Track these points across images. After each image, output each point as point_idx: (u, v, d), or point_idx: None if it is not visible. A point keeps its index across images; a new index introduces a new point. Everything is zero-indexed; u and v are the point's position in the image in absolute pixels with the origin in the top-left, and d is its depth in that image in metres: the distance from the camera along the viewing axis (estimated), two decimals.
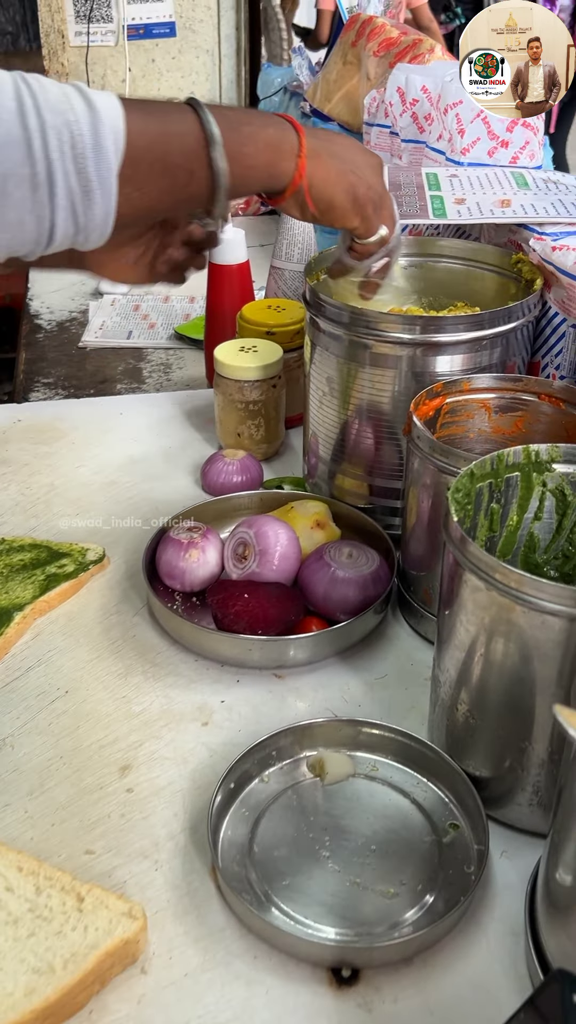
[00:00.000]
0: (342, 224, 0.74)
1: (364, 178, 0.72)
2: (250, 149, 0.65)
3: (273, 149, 0.67)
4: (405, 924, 0.57)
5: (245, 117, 0.67)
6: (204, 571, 0.82)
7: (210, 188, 0.64)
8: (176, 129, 0.62)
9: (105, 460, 1.05)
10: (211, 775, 0.67)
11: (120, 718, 0.72)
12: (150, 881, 0.60)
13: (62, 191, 0.56)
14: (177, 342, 1.36)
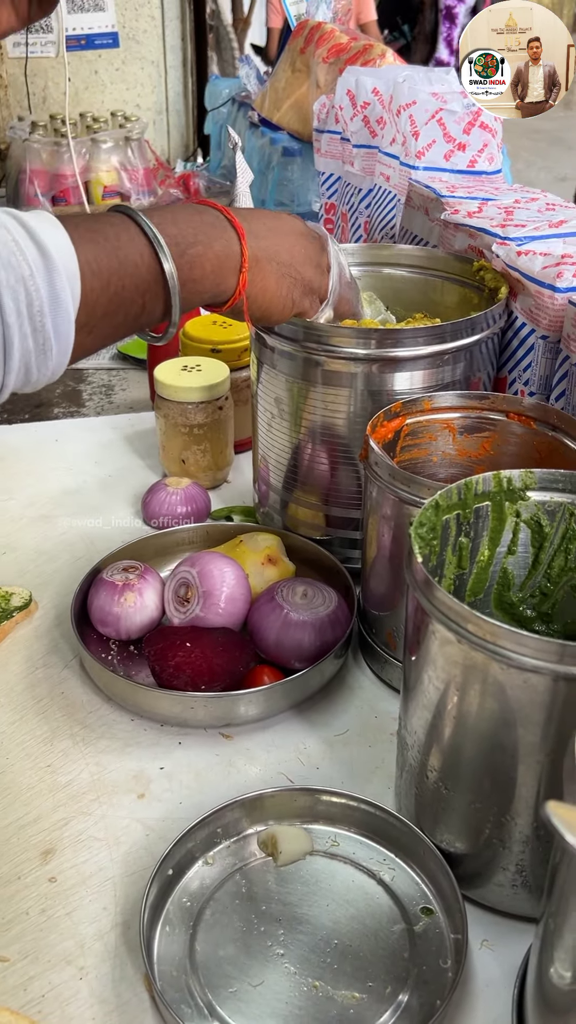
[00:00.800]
0: (280, 322, 0.71)
1: (298, 272, 0.69)
2: (198, 273, 0.61)
3: (219, 268, 0.63)
4: None
5: (191, 232, 0.61)
6: (142, 617, 0.73)
7: (163, 315, 0.60)
8: (130, 261, 0.57)
9: (37, 492, 0.96)
10: (147, 858, 0.58)
11: (44, 791, 0.63)
12: (73, 994, 0.51)
13: (17, 354, 0.51)
14: (120, 362, 1.28)
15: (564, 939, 0.42)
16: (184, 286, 0.59)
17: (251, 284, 0.65)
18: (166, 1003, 0.48)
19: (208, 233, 0.62)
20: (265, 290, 0.66)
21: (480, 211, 0.89)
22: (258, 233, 0.66)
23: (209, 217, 0.63)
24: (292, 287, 0.68)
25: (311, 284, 0.70)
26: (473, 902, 0.55)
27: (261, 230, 0.66)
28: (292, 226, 0.70)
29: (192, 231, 0.61)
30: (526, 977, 0.50)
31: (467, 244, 0.87)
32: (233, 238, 0.63)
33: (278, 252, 0.67)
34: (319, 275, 0.71)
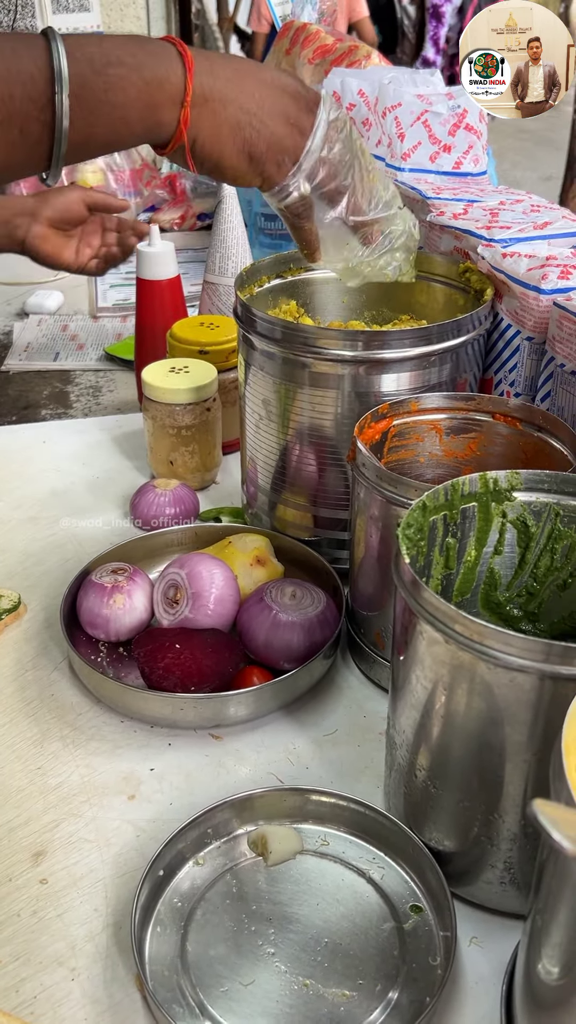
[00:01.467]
0: (238, 183, 0.64)
1: (266, 129, 0.60)
2: (118, 96, 0.54)
3: (148, 97, 0.55)
4: None
5: (118, 53, 0.55)
6: (131, 619, 0.74)
7: (48, 139, 0.53)
8: (23, 71, 0.51)
9: (25, 494, 0.96)
10: (138, 860, 0.58)
11: (34, 794, 0.63)
12: (65, 995, 0.51)
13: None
14: (107, 363, 1.28)
15: (551, 935, 0.43)
16: (98, 108, 0.54)
17: (196, 125, 0.57)
18: (157, 1003, 0.49)
19: (140, 57, 0.55)
20: (216, 136, 0.59)
21: (465, 213, 0.89)
22: (217, 72, 0.58)
23: (152, 46, 0.57)
24: (253, 139, 0.60)
25: (280, 142, 0.61)
26: (462, 899, 0.56)
27: (223, 71, 0.59)
28: (271, 77, 0.61)
29: (119, 53, 0.55)
30: (514, 973, 0.51)
31: (453, 246, 0.88)
32: (176, 68, 0.56)
33: (239, 97, 0.59)
34: (293, 134, 0.61)
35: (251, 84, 0.60)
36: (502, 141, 5.18)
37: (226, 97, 0.59)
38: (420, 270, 0.87)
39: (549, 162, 4.98)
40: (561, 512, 0.60)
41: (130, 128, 0.56)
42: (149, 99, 0.56)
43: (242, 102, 0.59)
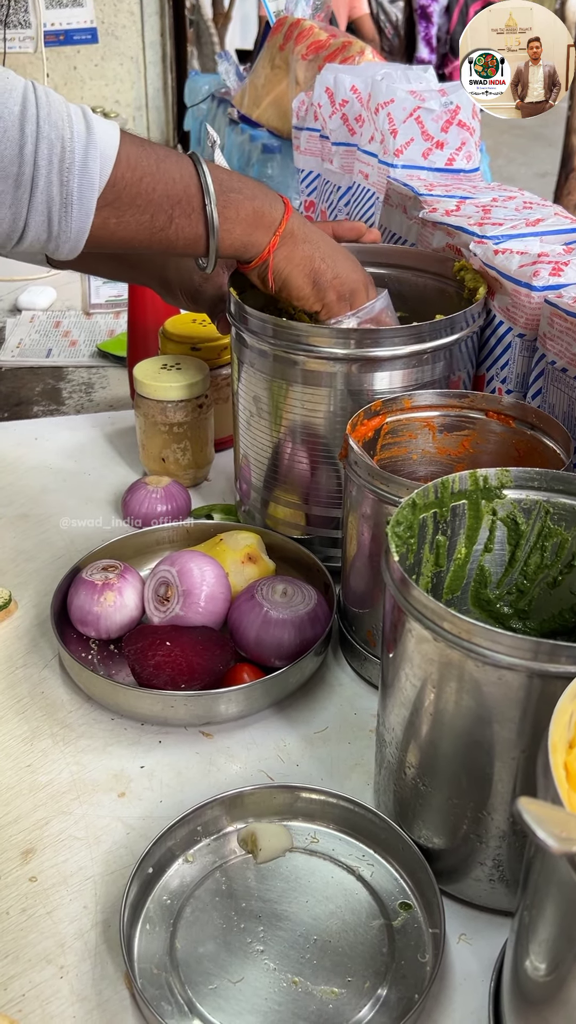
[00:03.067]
0: (301, 305, 0.75)
1: (332, 266, 0.73)
2: (231, 213, 0.68)
3: (254, 220, 0.69)
4: None
5: (238, 184, 0.69)
6: (122, 616, 0.74)
7: (193, 241, 0.68)
8: (168, 173, 0.65)
9: (16, 491, 0.96)
10: (127, 857, 0.58)
11: (24, 791, 0.63)
12: (54, 992, 0.51)
13: (42, 196, 0.61)
14: (100, 360, 1.28)
15: (538, 932, 0.43)
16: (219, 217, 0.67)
17: (279, 250, 0.70)
18: (146, 1000, 0.49)
19: (255, 191, 0.70)
20: (291, 260, 0.71)
21: (458, 209, 0.89)
22: (306, 225, 0.73)
23: (266, 187, 0.71)
24: (321, 270, 0.72)
25: (345, 283, 0.74)
26: (451, 897, 0.56)
27: (310, 228, 0.73)
28: (345, 252, 0.75)
29: (241, 184, 0.69)
30: (502, 970, 0.51)
31: (445, 242, 0.88)
32: (278, 205, 0.71)
33: (317, 243, 0.73)
34: (357, 278, 0.75)
35: (327, 242, 0.74)
36: (497, 137, 5.18)
37: (307, 238, 0.72)
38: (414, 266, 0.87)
39: (544, 158, 4.99)
40: (551, 510, 0.60)
41: (230, 239, 0.69)
42: (253, 222, 0.69)
43: (317, 246, 0.73)
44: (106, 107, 1.87)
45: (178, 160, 0.67)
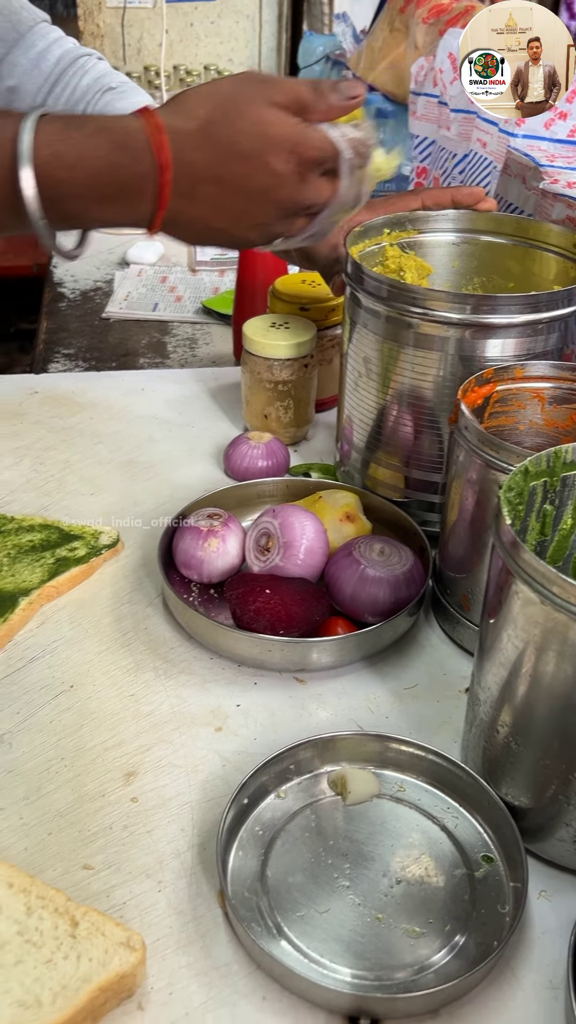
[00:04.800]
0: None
1: (235, 239, 0.63)
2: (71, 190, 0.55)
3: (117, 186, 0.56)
4: (432, 968, 0.51)
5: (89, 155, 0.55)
6: (223, 562, 0.76)
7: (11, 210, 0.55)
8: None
9: (124, 438, 0.99)
10: (223, 787, 0.62)
11: (128, 718, 0.67)
12: (152, 904, 0.55)
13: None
14: (204, 316, 1.30)
15: None
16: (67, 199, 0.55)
17: (174, 220, 0.58)
18: (239, 917, 0.52)
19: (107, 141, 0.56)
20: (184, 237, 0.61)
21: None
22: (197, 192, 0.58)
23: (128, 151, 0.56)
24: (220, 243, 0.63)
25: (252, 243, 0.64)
26: (533, 855, 0.57)
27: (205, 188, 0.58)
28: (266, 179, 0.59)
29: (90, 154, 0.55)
30: None
31: (565, 215, 0.87)
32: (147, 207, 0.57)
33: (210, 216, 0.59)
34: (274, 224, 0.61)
35: (233, 198, 0.59)
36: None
37: (195, 219, 0.59)
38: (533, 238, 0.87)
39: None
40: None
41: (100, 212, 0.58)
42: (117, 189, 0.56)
43: (212, 221, 0.59)
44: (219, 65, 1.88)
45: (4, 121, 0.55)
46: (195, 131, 0.57)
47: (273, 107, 0.59)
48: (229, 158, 0.57)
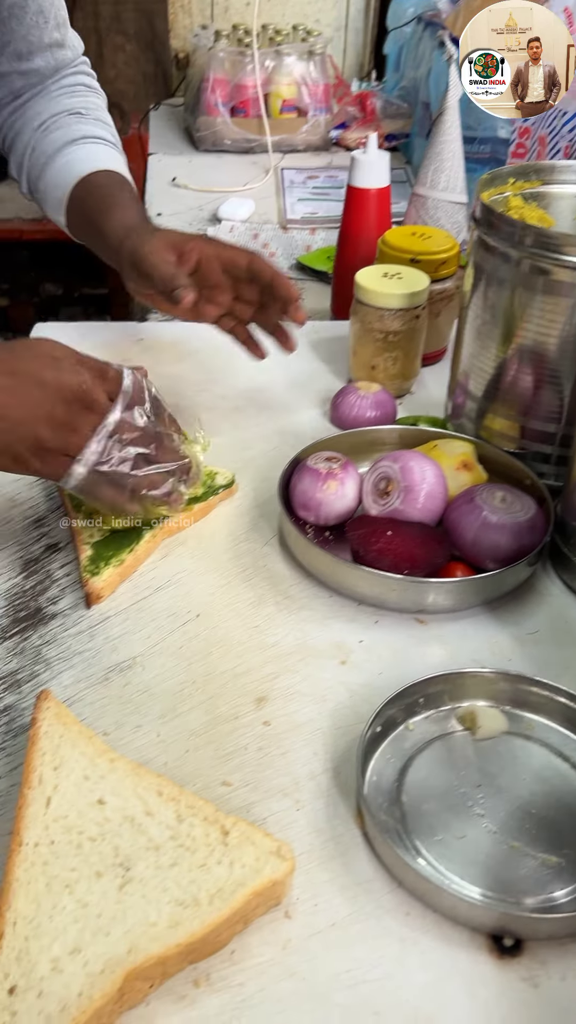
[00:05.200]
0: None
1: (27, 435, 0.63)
2: None
3: None
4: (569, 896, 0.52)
5: None
6: (341, 504, 0.77)
7: None
8: None
9: (230, 385, 1.00)
10: (351, 716, 0.63)
11: (253, 648, 0.68)
12: (291, 821, 0.56)
13: None
14: (299, 272, 1.30)
15: None
16: None
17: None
18: (382, 837, 0.53)
19: None
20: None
21: None
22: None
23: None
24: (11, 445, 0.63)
25: (43, 444, 0.64)
26: None
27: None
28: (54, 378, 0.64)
29: None
30: None
31: None
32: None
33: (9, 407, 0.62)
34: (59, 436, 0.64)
35: (24, 391, 0.63)
36: None
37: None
38: None
39: None
40: None
41: None
42: None
43: (8, 411, 0.62)
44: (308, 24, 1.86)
45: None
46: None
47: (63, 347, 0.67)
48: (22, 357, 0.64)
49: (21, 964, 0.45)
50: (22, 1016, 0.43)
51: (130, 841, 0.51)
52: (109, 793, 0.54)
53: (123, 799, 0.53)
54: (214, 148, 1.77)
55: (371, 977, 0.48)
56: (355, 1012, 0.47)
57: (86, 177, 0.94)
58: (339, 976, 0.48)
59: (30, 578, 0.73)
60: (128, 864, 0.50)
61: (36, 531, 0.78)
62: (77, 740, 0.56)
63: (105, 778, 0.54)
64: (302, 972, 0.48)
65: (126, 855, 0.50)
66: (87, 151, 0.98)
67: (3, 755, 0.60)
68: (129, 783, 0.54)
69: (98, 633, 0.69)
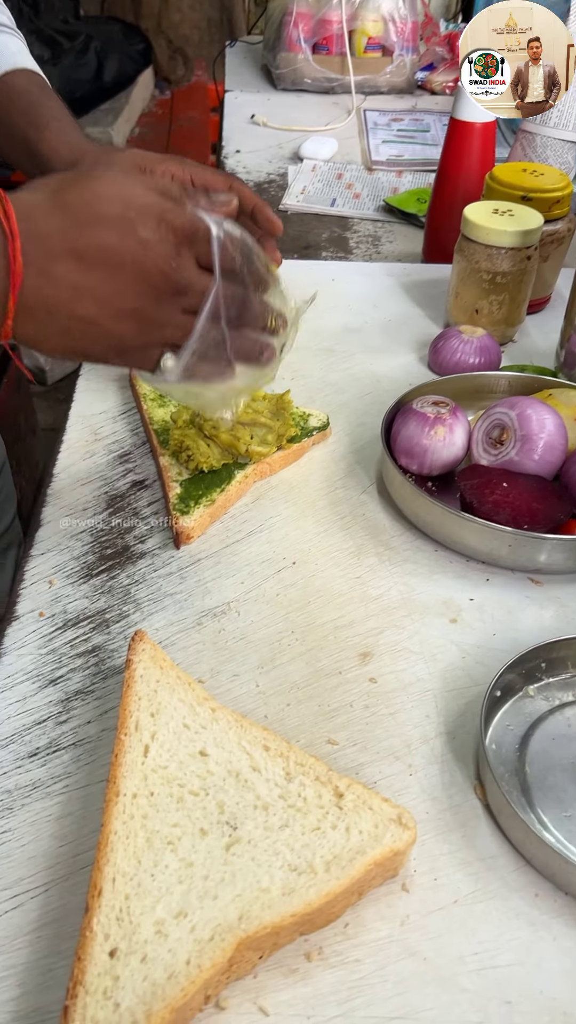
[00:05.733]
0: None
1: (106, 335, 0.49)
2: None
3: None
4: None
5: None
6: (448, 453, 0.71)
7: None
8: None
9: (318, 326, 0.94)
10: (464, 678, 0.57)
11: (355, 600, 0.63)
12: (404, 787, 0.51)
13: None
14: (386, 215, 1.23)
15: None
16: None
17: (17, 331, 0.47)
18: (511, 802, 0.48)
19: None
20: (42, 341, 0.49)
21: None
22: (52, 271, 0.46)
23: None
24: (86, 347, 0.50)
25: (125, 344, 0.51)
26: None
27: (61, 265, 0.47)
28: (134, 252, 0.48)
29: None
30: None
31: None
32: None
33: (73, 301, 0.47)
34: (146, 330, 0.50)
35: (97, 278, 0.47)
36: None
37: (54, 306, 0.47)
38: None
39: None
40: None
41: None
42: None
43: (76, 308, 0.47)
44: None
45: None
46: (44, 199, 0.47)
47: (134, 179, 0.50)
48: (86, 223, 0.47)
49: (123, 925, 0.41)
50: (125, 982, 0.39)
51: (236, 798, 0.47)
52: (212, 744, 0.49)
53: (227, 752, 0.49)
54: (293, 87, 1.69)
55: (500, 962, 0.44)
56: (485, 1000, 0.42)
57: (1, 76, 0.76)
58: (464, 959, 0.44)
59: (116, 515, 0.69)
60: (235, 822, 0.46)
61: (121, 467, 0.74)
62: (175, 686, 0.52)
63: (207, 728, 0.50)
64: (423, 952, 0.44)
65: (232, 813, 0.46)
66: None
67: (92, 698, 0.55)
68: (233, 735, 0.50)
69: (189, 575, 0.64)
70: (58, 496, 0.70)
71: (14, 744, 0.53)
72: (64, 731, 0.53)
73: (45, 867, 0.47)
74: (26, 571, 0.64)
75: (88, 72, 2.64)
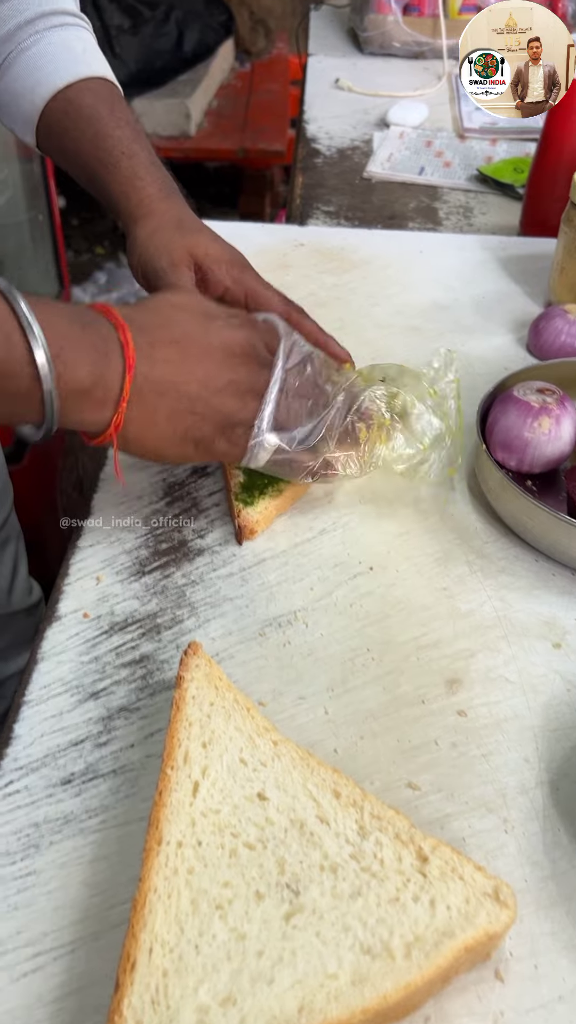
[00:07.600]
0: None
1: (211, 410, 0.53)
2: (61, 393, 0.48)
3: (84, 396, 0.48)
4: None
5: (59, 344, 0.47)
6: (553, 448, 0.62)
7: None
8: None
9: (404, 301, 0.85)
10: (570, 716, 0.49)
11: (442, 616, 0.54)
12: (498, 846, 0.43)
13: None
14: (479, 185, 1.13)
15: None
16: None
17: (128, 422, 0.50)
18: None
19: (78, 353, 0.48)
20: (150, 428, 0.51)
21: None
22: (156, 356, 0.51)
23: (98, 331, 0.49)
24: (195, 425, 0.53)
25: (230, 417, 0.54)
26: None
27: (164, 351, 0.51)
28: (220, 339, 0.54)
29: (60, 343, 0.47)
30: None
31: None
32: (115, 365, 0.49)
33: (179, 381, 0.52)
34: (245, 402, 0.54)
35: (194, 360, 0.52)
36: None
37: (163, 387, 0.51)
38: None
39: None
40: None
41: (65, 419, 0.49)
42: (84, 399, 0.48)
43: (182, 387, 0.52)
44: None
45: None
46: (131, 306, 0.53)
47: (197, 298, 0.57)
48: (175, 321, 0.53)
49: (158, 1010, 0.34)
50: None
51: (299, 855, 0.39)
52: (272, 786, 0.42)
53: (290, 796, 0.41)
54: (380, 51, 1.59)
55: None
56: None
57: (66, 90, 0.67)
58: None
59: (174, 504, 0.62)
60: (296, 886, 0.38)
61: None
62: (232, 711, 0.44)
63: (267, 765, 0.42)
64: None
65: (293, 873, 0.38)
66: (58, 40, 0.69)
67: (137, 716, 0.48)
68: (297, 776, 0.42)
69: (251, 577, 0.57)
70: (111, 483, 0.64)
71: (46, 768, 0.46)
72: (103, 755, 0.47)
73: (72, 922, 0.40)
74: (71, 564, 0.57)
75: (168, 43, 2.57)
